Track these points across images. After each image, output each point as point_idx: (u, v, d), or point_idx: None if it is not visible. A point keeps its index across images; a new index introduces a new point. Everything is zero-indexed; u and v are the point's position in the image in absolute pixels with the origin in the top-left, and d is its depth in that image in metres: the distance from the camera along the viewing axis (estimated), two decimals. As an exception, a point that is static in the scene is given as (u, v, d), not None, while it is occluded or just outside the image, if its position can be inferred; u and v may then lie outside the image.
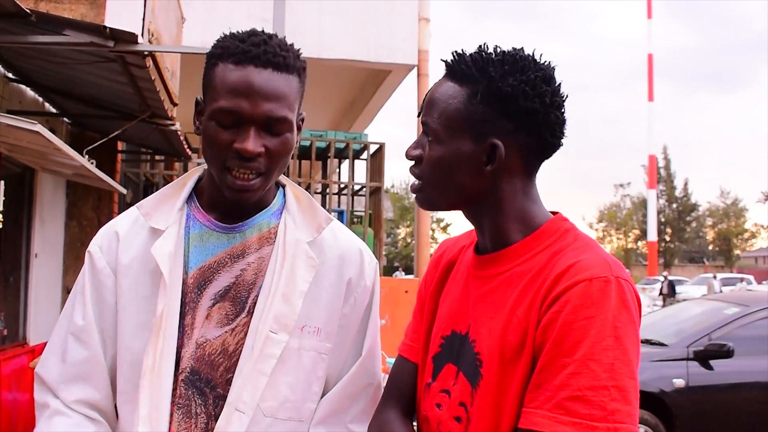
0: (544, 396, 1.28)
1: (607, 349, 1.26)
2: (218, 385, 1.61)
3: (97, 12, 6.52)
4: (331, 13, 10.38)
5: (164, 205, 1.68)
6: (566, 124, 1.47)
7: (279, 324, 1.61)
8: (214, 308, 1.63)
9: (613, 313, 1.29)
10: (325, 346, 1.67)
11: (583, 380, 1.25)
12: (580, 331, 1.28)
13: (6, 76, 6.22)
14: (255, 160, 1.55)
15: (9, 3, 4.01)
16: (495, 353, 1.40)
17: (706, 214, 65.38)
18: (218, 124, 1.56)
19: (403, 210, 52.23)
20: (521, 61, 1.43)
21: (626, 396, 1.25)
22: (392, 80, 11.46)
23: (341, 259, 1.73)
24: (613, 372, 1.25)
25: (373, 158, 10.64)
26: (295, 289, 1.63)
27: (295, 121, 1.62)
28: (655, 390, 6.71)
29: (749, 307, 7.51)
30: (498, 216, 1.48)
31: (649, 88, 43.15)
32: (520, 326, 1.37)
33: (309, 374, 1.65)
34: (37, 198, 6.96)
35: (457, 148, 1.44)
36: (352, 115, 14.24)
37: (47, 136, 4.24)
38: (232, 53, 1.56)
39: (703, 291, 31.22)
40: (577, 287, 1.31)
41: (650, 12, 43.50)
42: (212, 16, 9.92)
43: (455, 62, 1.48)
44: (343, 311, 1.72)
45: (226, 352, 1.62)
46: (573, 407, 1.24)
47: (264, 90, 1.54)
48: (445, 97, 1.47)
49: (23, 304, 6.90)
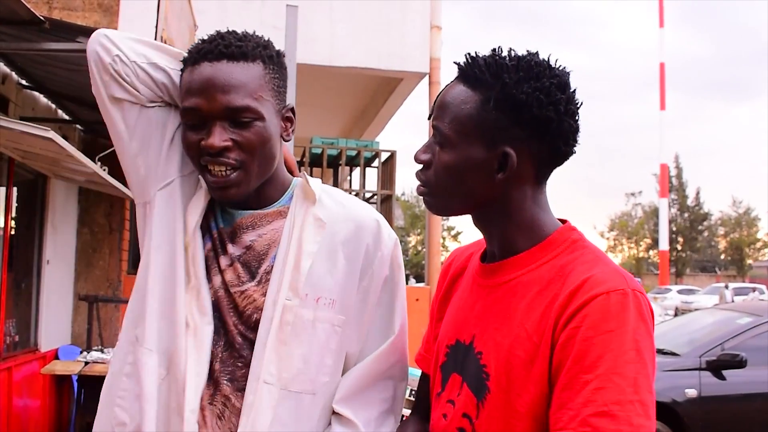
0: (569, 415, 1.24)
1: (629, 362, 1.24)
2: (229, 332, 1.63)
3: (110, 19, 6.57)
4: (343, 21, 10.39)
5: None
6: (579, 132, 1.45)
7: (293, 290, 1.61)
8: (230, 268, 1.65)
9: (632, 327, 1.27)
10: (339, 318, 1.66)
11: (608, 395, 1.22)
12: (601, 346, 1.25)
13: (19, 82, 6.24)
14: (223, 155, 1.55)
15: (23, 10, 4.03)
16: (502, 368, 1.38)
17: (718, 224, 65.07)
18: (187, 127, 1.58)
19: (414, 218, 52.17)
20: (536, 67, 1.40)
21: (648, 411, 1.23)
22: (404, 88, 11.45)
23: (357, 228, 1.71)
24: (636, 386, 1.23)
25: (385, 166, 10.63)
26: (303, 252, 1.63)
27: (273, 110, 1.61)
28: (667, 400, 6.66)
29: (762, 317, 7.46)
30: (506, 223, 1.46)
31: (661, 96, 43.09)
32: (529, 341, 1.35)
33: (322, 347, 1.64)
34: (49, 204, 6.99)
35: (469, 155, 1.42)
36: (364, 123, 14.24)
37: (60, 142, 4.26)
38: (191, 56, 1.58)
39: (714, 300, 31.01)
40: (595, 302, 1.28)
41: (662, 21, 43.47)
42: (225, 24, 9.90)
43: (468, 65, 1.45)
44: (362, 284, 1.70)
45: (236, 308, 1.63)
46: (600, 424, 1.21)
47: (218, 82, 1.54)
48: (457, 102, 1.43)
49: (35, 311, 6.91)
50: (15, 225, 6.58)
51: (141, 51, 1.65)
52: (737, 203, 65.43)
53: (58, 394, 7.16)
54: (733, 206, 65.38)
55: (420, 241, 52.04)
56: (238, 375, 1.61)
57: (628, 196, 66.77)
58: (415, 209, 51.78)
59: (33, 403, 6.63)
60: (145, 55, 1.65)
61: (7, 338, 6.18)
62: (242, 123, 1.55)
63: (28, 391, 6.48)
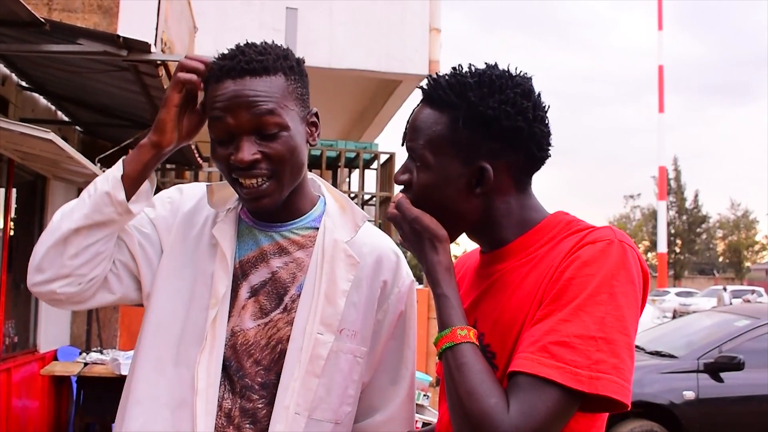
0: (531, 340, 1.28)
1: (600, 303, 1.27)
2: (247, 375, 1.64)
3: (109, 21, 6.57)
4: (343, 23, 10.41)
5: (225, 191, 1.72)
6: (551, 136, 1.47)
7: (324, 325, 1.64)
8: (250, 301, 1.66)
9: (610, 271, 1.29)
10: (361, 350, 1.70)
11: (571, 328, 1.25)
12: (577, 287, 1.29)
13: (19, 84, 6.26)
14: (255, 167, 1.57)
15: (24, 12, 4.04)
16: (502, 341, 1.40)
17: (717, 226, 65.10)
18: (217, 143, 1.60)
19: (413, 220, 52.01)
20: (498, 80, 1.43)
21: (614, 349, 1.25)
22: (403, 90, 11.48)
23: (378, 261, 1.75)
24: (602, 325, 1.25)
25: (383, 168, 10.66)
26: (337, 289, 1.66)
27: (298, 118, 1.64)
28: (664, 402, 6.68)
29: (760, 320, 7.47)
30: (496, 230, 1.48)
31: (659, 99, 43.08)
32: (525, 304, 1.37)
33: (345, 377, 1.68)
34: (48, 206, 7.00)
35: (446, 173, 1.44)
36: (363, 125, 14.27)
37: (60, 144, 4.27)
38: (213, 74, 1.60)
39: (712, 303, 31.02)
40: (582, 250, 1.32)
41: (661, 24, 43.48)
42: (224, 26, 9.96)
43: (432, 88, 1.47)
44: (377, 317, 1.74)
45: (258, 344, 1.65)
46: (558, 352, 1.24)
47: (242, 99, 1.56)
48: (428, 124, 1.46)
49: (33, 312, 6.93)
50: (14, 226, 6.59)
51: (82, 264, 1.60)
52: (736, 206, 65.54)
53: (57, 395, 7.17)
54: (732, 209, 65.48)
55: (419, 243, 51.92)
56: (260, 416, 1.63)
57: (626, 199, 66.96)
58: (414, 211, 51.66)
59: (32, 403, 6.64)
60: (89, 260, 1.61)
61: (7, 339, 6.19)
62: (269, 135, 1.58)
63: (27, 392, 6.48)
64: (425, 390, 4.90)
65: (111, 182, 1.58)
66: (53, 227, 1.58)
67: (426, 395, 4.87)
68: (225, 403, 1.62)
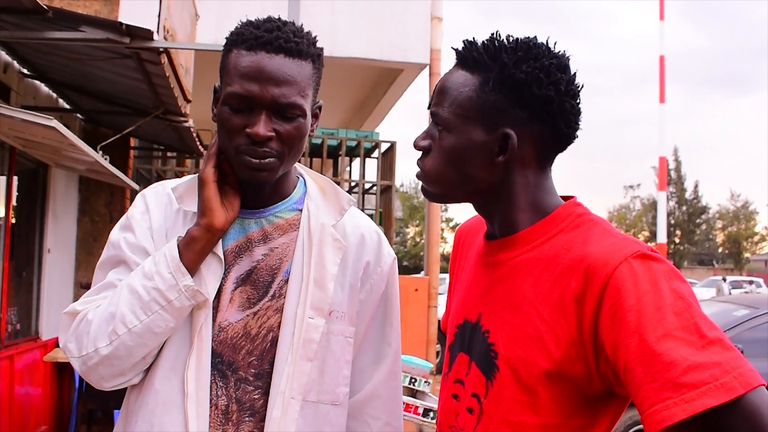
0: (652, 388, 1.16)
1: (681, 312, 1.20)
2: (240, 368, 1.64)
3: (110, 9, 6.55)
4: (344, 12, 10.38)
5: (194, 190, 1.70)
6: (581, 115, 1.44)
7: (315, 309, 1.65)
8: (236, 292, 1.66)
9: (664, 279, 1.24)
10: (350, 330, 1.72)
11: (682, 351, 1.16)
12: (648, 308, 1.20)
13: (21, 71, 6.25)
14: (266, 144, 1.57)
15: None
16: (512, 346, 1.37)
17: (716, 217, 64.96)
18: (231, 109, 1.59)
19: (413, 209, 52.06)
20: (535, 48, 1.40)
21: (724, 342, 1.18)
22: (404, 79, 11.45)
23: (360, 241, 1.76)
24: (698, 328, 1.18)
25: (384, 157, 10.65)
26: (326, 274, 1.67)
27: (310, 107, 1.64)
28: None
29: (759, 309, 7.48)
30: (509, 207, 1.45)
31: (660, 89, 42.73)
32: (541, 320, 1.33)
33: (338, 359, 1.69)
34: (50, 193, 7.00)
35: (469, 138, 1.41)
36: (364, 114, 14.23)
37: (63, 131, 4.27)
38: (246, 39, 1.59)
39: (712, 293, 31.03)
40: (618, 271, 1.25)
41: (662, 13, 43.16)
42: (226, 14, 9.93)
43: (466, 50, 1.45)
44: (360, 297, 1.75)
45: (248, 335, 1.65)
46: (690, 380, 1.14)
47: (274, 75, 1.56)
48: (456, 86, 1.43)
49: (36, 299, 6.94)
50: (16, 214, 6.59)
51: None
52: (735, 197, 65.34)
53: (59, 381, 7.20)
54: (732, 200, 65.32)
55: (419, 232, 51.94)
56: (258, 407, 1.64)
57: (626, 189, 66.64)
58: (414, 200, 51.70)
59: (34, 390, 6.66)
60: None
61: (9, 326, 6.20)
62: (288, 117, 1.59)
63: (29, 379, 6.50)
64: (426, 377, 4.92)
65: (188, 293, 1.57)
66: (133, 351, 1.57)
67: (427, 382, 4.89)
68: (220, 401, 1.62)
